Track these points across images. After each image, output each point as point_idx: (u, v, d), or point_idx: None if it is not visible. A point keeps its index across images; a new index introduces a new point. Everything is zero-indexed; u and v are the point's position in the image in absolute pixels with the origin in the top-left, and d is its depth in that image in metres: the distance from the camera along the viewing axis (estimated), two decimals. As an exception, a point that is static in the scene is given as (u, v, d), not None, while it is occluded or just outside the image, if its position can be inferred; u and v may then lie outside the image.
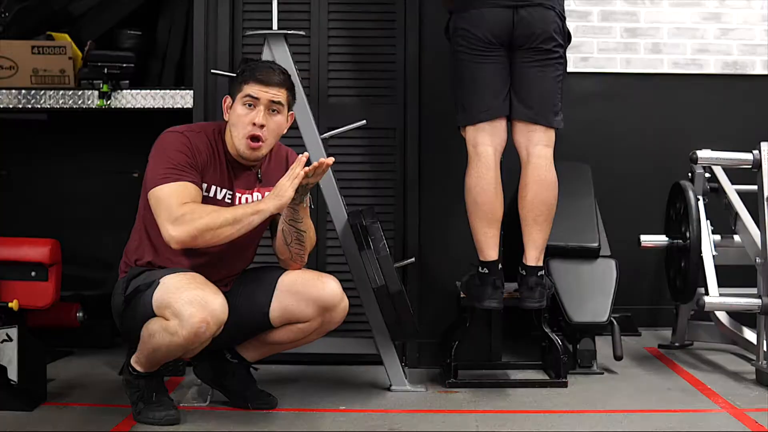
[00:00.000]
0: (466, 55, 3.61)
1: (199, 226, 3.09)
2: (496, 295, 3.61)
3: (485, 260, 3.63)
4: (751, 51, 5.12)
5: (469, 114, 3.64)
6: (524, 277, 3.64)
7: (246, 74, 3.28)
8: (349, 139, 3.96)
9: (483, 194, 3.60)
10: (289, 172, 3.15)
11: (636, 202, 5.01)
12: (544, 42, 3.57)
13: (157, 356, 3.16)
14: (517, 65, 3.61)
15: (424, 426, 3.27)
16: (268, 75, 3.26)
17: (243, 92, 3.25)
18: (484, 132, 3.63)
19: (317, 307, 3.32)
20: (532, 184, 3.62)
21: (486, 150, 3.62)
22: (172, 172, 3.17)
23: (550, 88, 3.63)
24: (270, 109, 3.25)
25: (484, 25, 3.56)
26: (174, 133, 3.27)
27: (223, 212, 3.12)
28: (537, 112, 3.62)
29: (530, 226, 3.62)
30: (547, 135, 3.65)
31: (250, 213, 3.13)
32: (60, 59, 4.29)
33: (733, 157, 4.10)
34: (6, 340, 3.40)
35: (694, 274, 4.03)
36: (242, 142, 3.24)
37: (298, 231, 3.32)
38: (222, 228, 3.10)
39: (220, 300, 3.10)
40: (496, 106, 3.61)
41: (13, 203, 4.65)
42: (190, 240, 3.11)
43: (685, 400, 3.61)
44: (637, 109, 5.10)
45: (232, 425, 3.26)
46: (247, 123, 3.23)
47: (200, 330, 3.04)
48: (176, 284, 3.10)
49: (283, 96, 3.28)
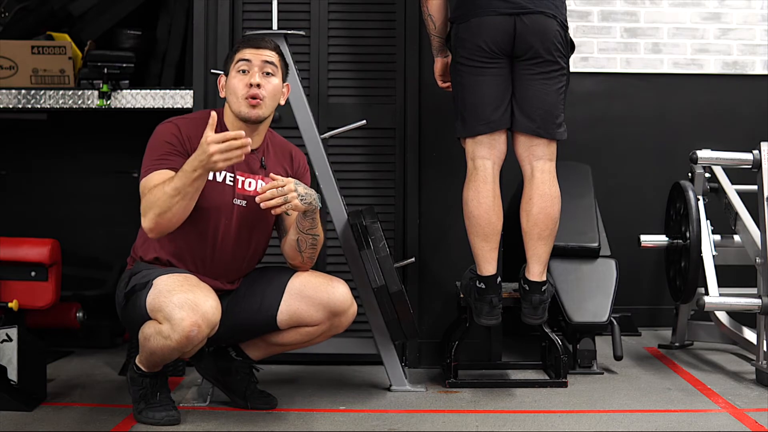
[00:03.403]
0: (466, 66, 3.58)
1: (156, 212, 3.09)
2: (494, 313, 3.59)
3: (483, 275, 3.60)
4: (751, 51, 5.13)
5: (468, 126, 3.61)
6: (527, 292, 3.60)
7: (237, 45, 3.34)
8: (349, 139, 3.97)
9: (480, 208, 3.58)
10: (218, 135, 3.03)
11: (636, 202, 5.01)
12: (545, 52, 3.53)
13: (155, 358, 3.17)
14: (519, 76, 3.57)
15: (424, 426, 3.27)
16: (258, 40, 3.31)
17: (235, 60, 3.28)
18: (483, 145, 3.60)
19: (326, 312, 3.32)
20: (536, 200, 3.58)
21: (484, 163, 3.60)
22: (152, 165, 3.19)
23: (552, 100, 3.58)
24: (264, 72, 3.26)
25: (485, 33, 3.53)
26: (163, 124, 3.29)
27: (167, 188, 3.07)
28: (539, 125, 3.58)
29: (534, 241, 3.59)
30: (550, 149, 3.62)
31: (190, 180, 3.05)
32: (60, 59, 4.30)
33: (733, 157, 4.10)
34: (6, 340, 3.40)
35: (694, 274, 4.02)
36: (242, 103, 3.24)
37: (313, 236, 3.32)
38: (173, 206, 3.08)
39: (211, 302, 3.09)
40: (495, 119, 3.58)
41: (13, 203, 4.66)
42: (155, 226, 3.12)
43: (685, 400, 3.61)
44: (637, 109, 5.10)
45: (232, 425, 3.26)
46: (243, 86, 3.24)
47: (191, 334, 3.04)
48: (168, 287, 3.10)
49: (276, 58, 3.30)
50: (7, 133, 4.66)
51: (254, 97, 3.23)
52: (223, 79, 3.33)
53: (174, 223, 3.13)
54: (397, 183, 4.10)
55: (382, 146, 4.10)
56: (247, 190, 3.29)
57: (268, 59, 3.27)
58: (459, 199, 3.70)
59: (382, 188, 4.10)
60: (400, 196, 4.10)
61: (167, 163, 3.18)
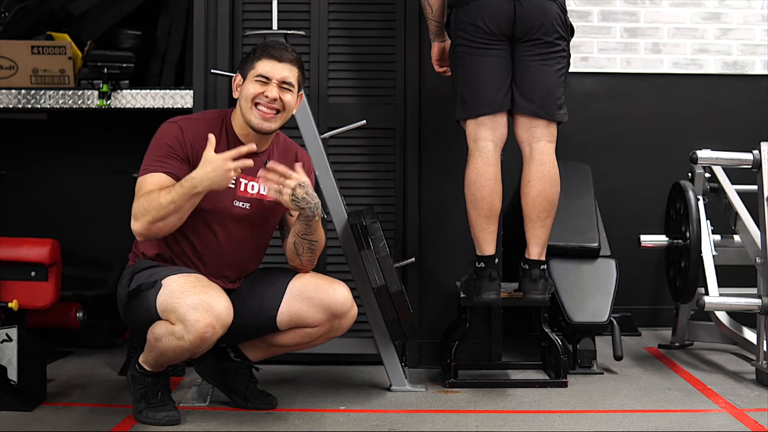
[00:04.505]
0: (467, 48, 3.61)
1: (148, 219, 3.10)
2: (493, 287, 3.61)
3: (482, 255, 3.64)
4: (751, 51, 5.12)
5: (470, 107, 3.64)
6: (527, 270, 3.64)
7: (258, 51, 3.28)
8: (349, 139, 3.96)
9: (483, 190, 3.60)
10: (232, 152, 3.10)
11: (636, 202, 5.01)
12: (545, 34, 3.57)
13: (164, 359, 3.17)
14: (519, 59, 3.61)
15: (424, 426, 3.27)
16: (281, 52, 3.27)
17: (255, 70, 3.25)
18: (485, 126, 3.63)
19: (327, 314, 3.32)
20: (535, 181, 3.61)
21: (486, 145, 3.62)
22: (150, 165, 3.19)
23: (552, 81, 3.62)
24: (281, 88, 3.26)
25: (486, 15, 3.55)
26: (167, 124, 3.29)
27: (162, 199, 3.09)
28: (539, 106, 3.62)
29: (533, 222, 3.63)
30: (549, 130, 3.65)
31: (189, 195, 3.08)
32: (60, 59, 4.30)
33: (733, 157, 4.10)
34: (6, 340, 3.40)
35: (694, 274, 4.02)
36: (254, 113, 3.23)
37: (310, 242, 3.32)
38: (168, 217, 3.09)
39: (225, 303, 3.10)
40: (497, 100, 3.61)
41: (12, 203, 4.66)
42: (146, 232, 3.13)
43: (685, 400, 3.61)
44: (637, 109, 5.10)
45: (232, 425, 3.26)
46: (260, 96, 3.22)
47: (206, 335, 3.05)
48: (180, 287, 3.10)
49: (294, 75, 3.28)
50: (7, 133, 4.66)
51: (269, 110, 3.23)
52: (239, 78, 3.31)
53: (165, 232, 3.15)
54: (397, 183, 4.10)
55: (382, 146, 4.10)
56: (249, 192, 3.29)
57: (286, 78, 3.25)
58: (459, 199, 3.70)
59: (382, 188, 4.10)
60: (400, 196, 4.09)
61: (166, 167, 3.18)
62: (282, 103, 3.25)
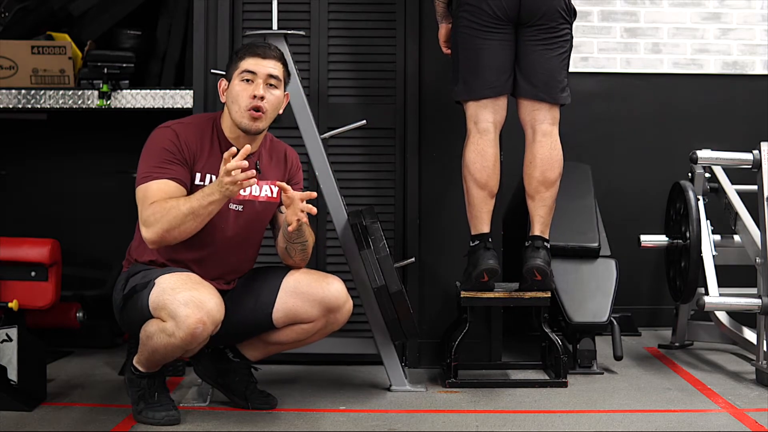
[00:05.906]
0: (471, 30, 3.63)
1: (164, 226, 3.10)
2: (489, 255, 3.64)
3: (477, 233, 3.67)
4: (751, 51, 5.13)
5: (473, 89, 3.66)
6: (530, 244, 3.67)
7: (242, 51, 3.30)
8: (349, 139, 3.96)
9: (483, 171, 3.64)
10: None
11: (636, 202, 5.01)
12: (551, 19, 3.60)
13: (156, 357, 3.17)
14: (523, 43, 3.64)
15: (424, 426, 3.27)
16: (264, 50, 3.29)
17: (240, 69, 3.26)
18: (487, 109, 3.66)
19: (322, 308, 3.33)
20: (537, 162, 3.66)
21: (488, 127, 3.66)
22: (152, 171, 3.18)
23: (555, 65, 3.65)
24: (267, 84, 3.26)
25: None
26: (160, 129, 3.28)
27: (182, 207, 3.10)
28: (542, 89, 3.65)
29: (536, 202, 3.68)
30: (552, 113, 3.68)
31: (207, 204, 3.10)
32: (60, 59, 4.30)
33: (733, 157, 4.10)
34: (6, 340, 3.41)
35: (694, 274, 4.02)
36: (243, 115, 3.23)
37: (302, 244, 3.33)
38: (184, 224, 3.10)
39: (216, 299, 3.11)
40: (500, 83, 3.65)
41: (12, 203, 4.66)
42: (159, 240, 3.13)
43: (685, 400, 3.61)
44: (637, 109, 5.10)
45: (232, 425, 3.26)
46: (247, 96, 3.23)
47: (197, 331, 3.05)
48: (171, 285, 3.10)
49: (280, 70, 3.29)
50: (7, 133, 4.66)
51: (257, 110, 3.23)
52: (224, 83, 3.32)
53: (179, 240, 3.16)
54: (397, 183, 4.10)
55: (382, 146, 4.10)
56: (242, 194, 3.29)
57: (272, 73, 3.26)
58: (459, 199, 3.70)
59: (382, 188, 4.10)
60: (400, 196, 4.09)
61: (168, 173, 3.18)
62: (269, 102, 3.25)
